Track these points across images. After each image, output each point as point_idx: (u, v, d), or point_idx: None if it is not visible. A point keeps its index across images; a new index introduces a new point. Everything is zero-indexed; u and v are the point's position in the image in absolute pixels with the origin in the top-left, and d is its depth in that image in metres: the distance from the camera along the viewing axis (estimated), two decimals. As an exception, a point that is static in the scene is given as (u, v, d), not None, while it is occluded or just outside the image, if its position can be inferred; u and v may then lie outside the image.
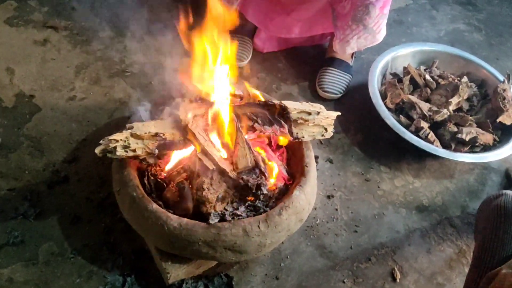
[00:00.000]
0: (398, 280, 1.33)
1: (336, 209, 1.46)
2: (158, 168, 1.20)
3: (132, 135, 1.06)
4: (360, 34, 1.63)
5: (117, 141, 1.05)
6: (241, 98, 1.26)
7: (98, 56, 1.78)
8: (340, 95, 1.77)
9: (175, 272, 1.17)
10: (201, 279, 1.24)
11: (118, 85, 1.69)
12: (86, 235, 1.29)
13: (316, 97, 1.77)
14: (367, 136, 1.68)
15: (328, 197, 1.48)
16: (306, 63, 1.91)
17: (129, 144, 1.05)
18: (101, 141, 1.07)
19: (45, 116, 1.56)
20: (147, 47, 1.82)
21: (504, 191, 1.00)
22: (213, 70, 1.19)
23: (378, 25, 1.62)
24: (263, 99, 1.23)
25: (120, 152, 1.05)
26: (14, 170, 1.40)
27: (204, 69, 1.20)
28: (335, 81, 1.78)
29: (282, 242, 1.28)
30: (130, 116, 1.34)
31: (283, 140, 1.29)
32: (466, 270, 1.37)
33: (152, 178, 1.18)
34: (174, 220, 1.07)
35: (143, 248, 1.27)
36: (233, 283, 1.25)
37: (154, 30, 1.79)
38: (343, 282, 1.31)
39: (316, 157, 1.54)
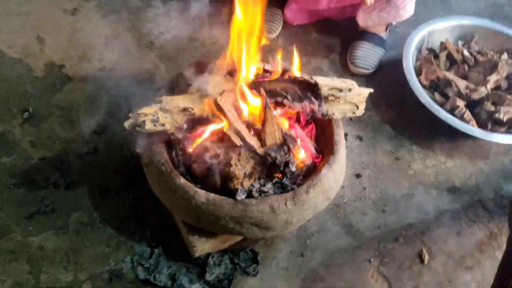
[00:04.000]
0: (426, 262, 1.31)
1: (364, 188, 1.43)
2: (187, 142, 1.19)
3: (161, 109, 1.05)
4: (383, 7, 1.58)
5: (146, 115, 1.04)
6: (271, 73, 1.23)
7: (127, 26, 1.76)
8: (372, 70, 1.72)
9: (202, 246, 1.18)
10: (226, 253, 1.25)
11: (147, 56, 1.68)
12: (115, 207, 1.31)
13: (347, 72, 1.72)
14: (399, 113, 1.63)
15: (357, 175, 1.46)
16: (337, 36, 1.85)
17: (158, 118, 1.05)
18: (130, 115, 1.07)
19: (75, 86, 1.57)
20: (177, 18, 1.79)
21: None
22: (243, 43, 1.16)
23: (403, 1, 1.56)
24: (295, 75, 1.20)
25: (149, 126, 1.05)
26: (44, 140, 1.42)
27: (235, 42, 1.17)
28: (367, 56, 1.72)
29: (309, 220, 1.27)
30: (159, 89, 1.34)
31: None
32: (497, 254, 1.34)
33: (180, 152, 1.17)
34: (201, 195, 1.07)
35: (171, 221, 1.28)
36: (258, 258, 1.25)
37: (184, 0, 1.76)
38: (369, 261, 1.30)
39: (346, 134, 1.51)
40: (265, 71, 1.23)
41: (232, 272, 1.22)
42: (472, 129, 1.49)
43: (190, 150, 1.18)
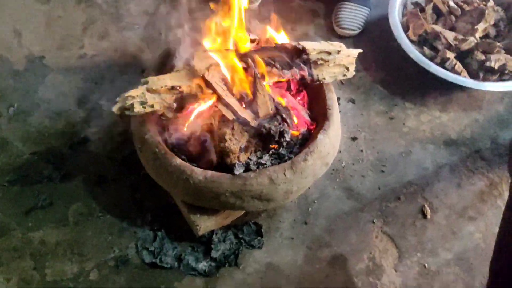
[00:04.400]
0: (428, 217, 1.32)
1: (361, 150, 1.42)
2: (178, 121, 1.17)
3: (148, 90, 1.03)
4: None
5: (133, 97, 1.02)
6: (257, 42, 1.20)
7: (105, 9, 1.71)
8: (359, 30, 1.69)
9: (204, 224, 1.17)
10: (230, 229, 1.24)
11: (128, 39, 1.64)
12: (113, 194, 1.29)
13: (333, 35, 1.69)
14: (390, 72, 1.61)
15: (353, 138, 1.44)
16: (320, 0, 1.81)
17: (146, 99, 1.02)
18: (117, 99, 1.04)
19: (58, 76, 1.53)
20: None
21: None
22: (226, 15, 1.13)
23: None
24: (281, 42, 1.17)
25: (138, 108, 1.02)
26: (34, 134, 1.39)
27: (217, 14, 1.14)
28: (352, 16, 1.68)
29: (309, 188, 1.27)
30: (144, 70, 1.30)
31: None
32: (499, 202, 1.35)
33: (173, 132, 1.15)
34: (199, 173, 1.06)
35: (170, 203, 1.27)
36: (262, 230, 1.25)
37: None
38: (373, 222, 1.30)
39: (338, 98, 1.49)
40: (251, 40, 1.20)
41: (237, 247, 1.22)
42: (464, 80, 1.47)
43: (183, 129, 1.16)
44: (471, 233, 1.30)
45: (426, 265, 1.24)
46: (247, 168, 1.09)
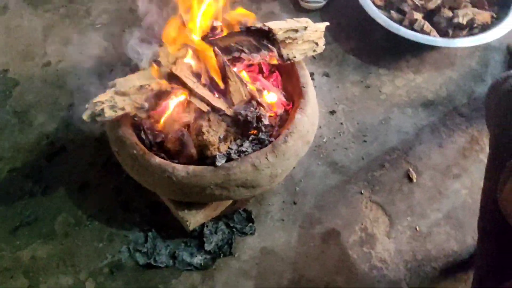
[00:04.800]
0: (414, 180, 1.33)
1: (341, 123, 1.42)
2: (153, 120, 1.15)
3: (116, 93, 1.00)
4: None
5: (102, 102, 0.99)
6: (221, 29, 1.17)
7: (63, 13, 1.66)
8: (324, 2, 1.67)
9: (194, 218, 1.16)
10: (220, 220, 1.24)
11: (91, 40, 1.59)
12: (98, 200, 1.28)
13: (300, 11, 1.67)
14: (360, 40, 1.60)
15: (331, 112, 1.44)
16: (282, -26, 1.78)
17: (116, 103, 1.00)
18: (86, 106, 1.02)
19: (25, 88, 1.49)
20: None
21: (510, 73, 0.95)
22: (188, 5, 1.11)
23: None
24: (246, 25, 1.14)
25: (108, 113, 1.00)
26: (8, 150, 1.36)
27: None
28: (316, -12, 1.66)
29: (293, 168, 1.26)
30: (112, 69, 1.27)
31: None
32: (481, 156, 1.37)
33: (148, 132, 1.13)
34: (180, 169, 1.05)
35: (157, 201, 1.26)
36: (252, 216, 1.25)
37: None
38: (361, 193, 1.31)
39: (311, 74, 1.48)
40: (215, 28, 1.17)
41: (230, 236, 1.22)
42: (434, 39, 1.47)
43: (158, 127, 1.14)
44: (457, 191, 1.32)
45: (417, 228, 1.26)
46: (229, 158, 1.07)
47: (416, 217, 1.27)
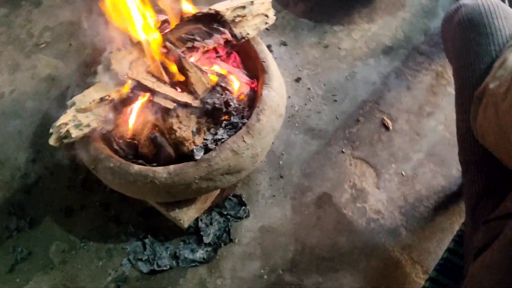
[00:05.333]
0: (391, 128, 1.35)
1: (309, 88, 1.42)
2: (121, 129, 1.12)
3: (78, 111, 0.98)
4: None
5: (66, 124, 0.96)
6: (168, 22, 1.14)
7: (4, 41, 1.59)
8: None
9: (187, 215, 1.16)
10: (213, 210, 1.24)
11: (39, 61, 1.54)
12: (87, 220, 1.26)
13: (242, -16, 1.64)
14: (309, 2, 1.59)
15: (296, 80, 1.44)
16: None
17: (79, 121, 0.97)
18: (50, 130, 0.99)
19: (-16, 126, 1.44)
20: (48, 9, 1.63)
21: (460, 2, 0.96)
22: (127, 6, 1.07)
23: None
24: (192, 13, 1.12)
25: (75, 133, 0.97)
26: (-16, 192, 1.32)
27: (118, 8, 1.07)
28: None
29: (272, 143, 1.26)
30: (69, 86, 1.22)
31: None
32: (449, 89, 1.39)
33: (120, 141, 1.11)
34: (161, 171, 1.03)
35: (147, 207, 1.25)
36: (243, 199, 1.25)
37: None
38: (342, 152, 1.32)
39: (269, 46, 1.47)
40: (161, 23, 1.14)
41: (226, 224, 1.22)
42: (380, -15, 1.47)
43: (129, 134, 1.12)
44: (434, 128, 1.34)
45: (403, 172, 1.28)
46: (207, 149, 1.07)
47: (400, 162, 1.30)
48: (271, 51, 1.42)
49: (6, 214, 1.28)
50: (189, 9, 1.15)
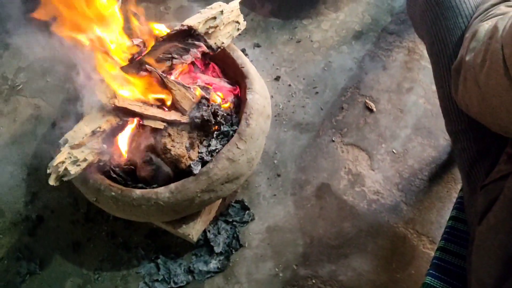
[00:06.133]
0: (374, 110, 1.38)
1: (289, 85, 1.45)
2: (116, 157, 1.14)
3: (72, 147, 0.98)
4: None
5: (63, 162, 0.97)
6: (144, 44, 1.16)
7: (-22, 88, 1.59)
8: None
9: (194, 230, 1.18)
10: (218, 219, 1.26)
11: (19, 103, 1.54)
12: (96, 252, 1.27)
13: (206, -7, 1.66)
14: (275, 1, 1.62)
15: (276, 79, 1.46)
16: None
17: (76, 157, 0.98)
18: (48, 171, 0.99)
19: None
20: (17, 50, 1.62)
21: (422, -20, 0.99)
22: (97, 35, 1.08)
23: None
24: (165, 32, 1.14)
25: (73, 170, 0.98)
26: (-12, 243, 1.32)
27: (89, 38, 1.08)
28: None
29: (264, 144, 1.29)
30: (54, 123, 1.22)
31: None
32: (423, 63, 1.43)
33: (117, 169, 1.12)
34: (163, 192, 1.05)
35: (152, 229, 1.26)
36: (246, 204, 1.28)
37: (12, 29, 1.58)
38: (332, 141, 1.35)
39: (243, 50, 1.49)
40: (136, 46, 1.16)
41: (233, 230, 1.24)
42: (340, -26, 1.51)
43: (124, 161, 1.13)
44: (415, 102, 1.39)
45: (394, 150, 1.32)
46: (203, 162, 1.09)
47: (389, 141, 1.33)
48: (246, 54, 1.44)
49: (15, 259, 1.28)
50: (162, 28, 1.16)
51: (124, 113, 1.05)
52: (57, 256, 1.28)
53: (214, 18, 1.16)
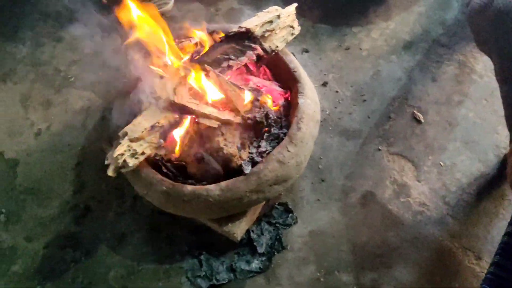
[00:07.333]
0: (422, 120, 1.37)
1: (337, 91, 1.46)
2: (168, 152, 1.16)
3: (131, 140, 1.01)
4: None
5: (122, 154, 1.00)
6: (202, 45, 1.18)
7: (33, 79, 1.64)
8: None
9: (239, 229, 1.19)
10: (262, 220, 1.27)
11: (71, 95, 1.59)
12: (140, 244, 1.29)
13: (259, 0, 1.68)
14: (324, 7, 1.63)
15: (323, 84, 1.47)
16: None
17: (135, 150, 1.01)
18: (106, 162, 1.02)
19: (27, 164, 1.48)
20: (71, 43, 1.68)
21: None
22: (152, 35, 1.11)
23: None
24: (224, 33, 1.16)
25: (131, 162, 1.01)
26: (35, 229, 1.36)
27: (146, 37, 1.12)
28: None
29: (311, 149, 1.30)
30: (104, 117, 1.25)
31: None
32: (474, 77, 1.42)
33: (168, 164, 1.15)
34: (214, 189, 1.07)
35: (197, 225, 1.28)
36: (289, 206, 1.28)
37: (66, 24, 1.64)
38: (379, 150, 1.35)
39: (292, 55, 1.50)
40: (195, 46, 1.18)
41: (276, 232, 1.25)
42: (393, -17, 1.51)
43: (176, 157, 1.16)
44: (465, 116, 1.37)
45: (441, 163, 1.31)
46: (254, 162, 1.10)
47: (436, 153, 1.32)
48: (295, 59, 1.45)
49: (60, 247, 1.32)
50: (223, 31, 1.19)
51: (181, 110, 1.07)
52: (102, 246, 1.31)
53: (271, 22, 1.18)
